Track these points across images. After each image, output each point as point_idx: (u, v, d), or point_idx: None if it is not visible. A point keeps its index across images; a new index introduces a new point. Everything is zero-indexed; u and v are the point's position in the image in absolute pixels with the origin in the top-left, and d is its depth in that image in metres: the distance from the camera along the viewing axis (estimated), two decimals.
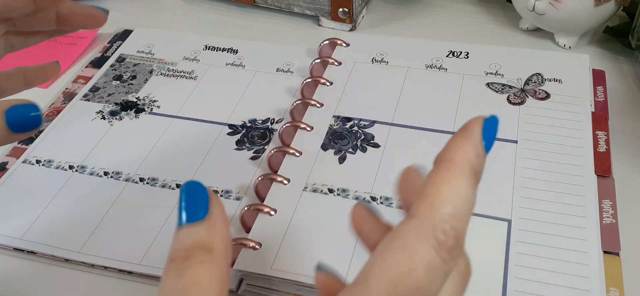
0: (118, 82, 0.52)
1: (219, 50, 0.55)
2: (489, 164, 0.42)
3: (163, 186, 0.43)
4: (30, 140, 0.47)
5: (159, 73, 0.53)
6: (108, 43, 0.57)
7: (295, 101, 0.47)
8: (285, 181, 0.41)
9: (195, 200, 0.23)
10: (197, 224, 0.23)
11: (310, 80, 0.49)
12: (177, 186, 0.43)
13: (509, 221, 0.38)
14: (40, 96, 0.52)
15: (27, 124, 0.30)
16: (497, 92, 0.46)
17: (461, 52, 0.50)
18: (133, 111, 0.49)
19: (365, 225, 0.27)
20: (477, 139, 0.23)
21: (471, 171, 0.22)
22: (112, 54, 0.56)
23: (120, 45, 0.56)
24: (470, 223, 0.37)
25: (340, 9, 0.56)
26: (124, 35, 0.58)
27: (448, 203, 0.21)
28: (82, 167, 0.45)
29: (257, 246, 0.37)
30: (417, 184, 0.26)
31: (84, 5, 0.35)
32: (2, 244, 0.40)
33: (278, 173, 0.42)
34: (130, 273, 0.38)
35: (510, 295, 0.34)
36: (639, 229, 0.39)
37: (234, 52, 0.54)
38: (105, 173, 0.44)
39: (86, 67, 0.55)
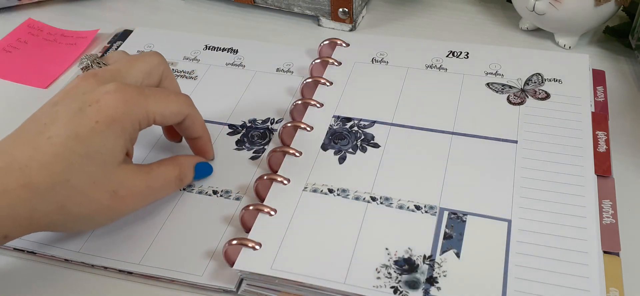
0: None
1: (219, 50, 0.55)
2: (489, 164, 0.43)
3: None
4: None
5: None
6: (108, 43, 0.57)
7: (295, 101, 0.47)
8: (285, 181, 0.41)
9: None
10: None
11: (310, 80, 0.49)
12: None
13: (509, 221, 0.38)
14: (41, 96, 0.52)
15: (205, 174, 0.43)
16: (497, 92, 0.46)
17: (461, 52, 0.50)
18: None
19: None
20: None
21: None
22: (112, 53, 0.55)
23: (120, 45, 0.56)
24: (470, 223, 0.37)
25: (340, 9, 0.56)
26: (124, 35, 0.58)
27: None
28: None
29: (257, 246, 0.37)
30: None
31: (210, 145, 0.44)
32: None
33: (278, 173, 0.42)
34: (130, 273, 0.38)
35: (510, 295, 0.34)
36: (639, 229, 0.39)
37: (234, 52, 0.54)
38: None
39: None
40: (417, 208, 0.39)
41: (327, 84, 0.49)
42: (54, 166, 0.34)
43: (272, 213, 0.39)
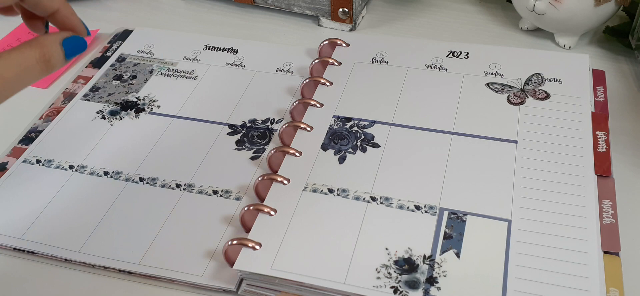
0: (118, 82, 0.52)
1: (219, 50, 0.55)
2: (489, 164, 0.43)
3: (163, 186, 0.43)
4: (30, 140, 0.47)
5: (159, 73, 0.53)
6: (108, 43, 0.57)
7: (295, 101, 0.47)
8: (285, 181, 0.41)
9: None
10: None
11: (310, 80, 0.49)
12: (177, 186, 0.43)
13: (509, 221, 0.38)
14: (41, 96, 0.52)
15: (78, 50, 0.36)
16: (497, 92, 0.46)
17: (461, 52, 0.50)
18: (133, 110, 0.49)
19: None
20: None
21: None
22: (112, 54, 0.56)
23: (120, 45, 0.56)
24: (470, 223, 0.37)
25: (340, 9, 0.56)
26: (124, 35, 0.58)
27: None
28: (82, 167, 0.45)
29: (257, 246, 0.37)
30: None
31: (76, 17, 0.37)
32: (2, 244, 0.40)
33: (278, 173, 0.42)
34: (130, 273, 0.38)
35: (510, 295, 0.34)
36: (639, 229, 0.39)
37: (234, 52, 0.54)
38: (105, 173, 0.44)
39: (86, 67, 0.55)
40: (417, 208, 0.39)
41: (327, 84, 0.49)
42: None
43: (272, 213, 0.39)
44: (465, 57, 0.50)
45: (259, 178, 0.41)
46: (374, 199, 0.40)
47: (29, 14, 0.37)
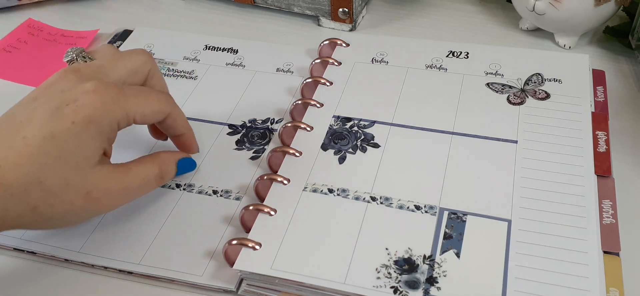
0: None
1: (219, 50, 0.55)
2: (489, 164, 0.43)
3: (163, 186, 0.43)
4: None
5: None
6: (108, 43, 0.57)
7: (295, 101, 0.47)
8: (285, 181, 0.41)
9: None
10: None
11: (310, 80, 0.49)
12: (177, 186, 0.43)
13: (509, 221, 0.38)
14: None
15: (188, 169, 0.43)
16: (497, 92, 0.46)
17: (461, 52, 0.50)
18: None
19: None
20: None
21: None
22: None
23: (120, 45, 0.56)
24: (470, 223, 0.37)
25: (340, 9, 0.56)
26: (124, 35, 0.58)
27: None
28: None
29: (257, 246, 0.37)
30: None
31: (194, 140, 0.43)
32: (2, 244, 0.40)
33: (278, 173, 0.42)
34: (130, 273, 0.38)
35: (510, 295, 0.34)
36: (639, 229, 0.39)
37: (234, 52, 0.54)
38: None
39: None
40: (417, 208, 0.39)
41: (327, 84, 0.49)
42: (28, 167, 0.33)
43: (272, 213, 0.39)
44: (465, 57, 0.50)
45: (259, 178, 0.41)
46: (374, 199, 0.40)
47: (156, 130, 0.44)
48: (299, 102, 0.47)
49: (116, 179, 0.37)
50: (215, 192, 0.42)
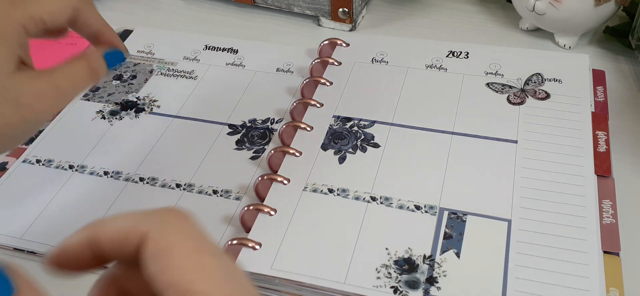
0: (118, 82, 0.52)
1: (219, 50, 0.55)
2: (490, 164, 0.42)
3: (163, 186, 0.43)
4: (31, 140, 0.47)
5: (159, 73, 0.53)
6: None
7: (295, 101, 0.47)
8: (285, 181, 0.41)
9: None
10: None
11: (310, 80, 0.49)
12: (177, 185, 0.43)
13: (509, 221, 0.38)
14: None
15: (117, 61, 0.39)
16: (497, 92, 0.46)
17: (461, 52, 0.50)
18: (133, 110, 0.49)
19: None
20: None
21: None
22: None
23: None
24: (470, 223, 0.37)
25: (340, 9, 0.56)
26: (124, 35, 0.58)
27: None
28: (82, 167, 0.45)
29: (257, 246, 0.37)
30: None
31: (117, 38, 0.40)
32: (2, 244, 0.40)
33: (278, 173, 0.42)
34: None
35: (510, 295, 0.34)
36: (639, 229, 0.39)
37: (234, 52, 0.54)
38: (105, 173, 0.44)
39: None
40: (417, 208, 0.39)
41: (327, 84, 0.49)
42: None
43: (272, 213, 0.39)
44: (465, 57, 0.50)
45: (259, 178, 0.41)
46: (374, 199, 0.40)
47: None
48: (299, 102, 0.47)
49: (43, 80, 0.35)
50: (215, 192, 0.42)
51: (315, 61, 0.50)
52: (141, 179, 0.44)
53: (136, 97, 0.50)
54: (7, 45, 0.34)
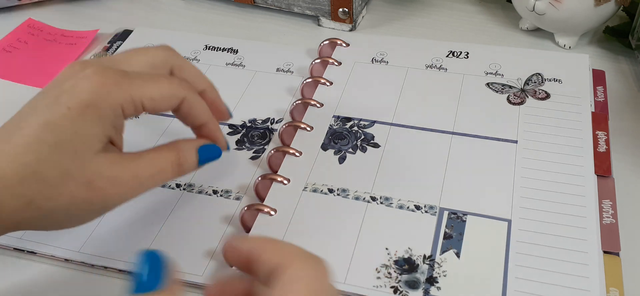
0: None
1: (219, 50, 0.55)
2: (490, 164, 0.42)
3: (163, 186, 0.43)
4: None
5: None
6: (108, 43, 0.57)
7: (295, 101, 0.47)
8: (285, 181, 0.41)
9: (152, 272, 0.26)
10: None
11: (310, 80, 0.49)
12: (177, 185, 0.43)
13: (509, 221, 0.38)
14: None
15: (211, 158, 0.38)
16: (497, 92, 0.46)
17: (461, 52, 0.50)
18: None
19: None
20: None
21: None
22: (113, 54, 0.56)
23: (120, 45, 0.56)
24: (470, 223, 0.37)
25: (340, 9, 0.56)
26: (124, 35, 0.58)
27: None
28: None
29: None
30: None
31: (220, 133, 0.38)
32: (2, 244, 0.40)
33: (278, 173, 0.42)
34: (130, 273, 0.38)
35: (510, 295, 0.34)
36: (639, 229, 0.39)
37: (234, 52, 0.54)
38: None
39: None
40: (417, 208, 0.39)
41: (327, 84, 0.49)
42: (23, 157, 0.31)
43: (272, 213, 0.39)
44: (465, 57, 0.50)
45: (259, 178, 0.41)
46: (374, 199, 0.40)
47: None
48: (299, 102, 0.47)
49: (123, 167, 0.34)
50: (215, 192, 0.42)
51: (315, 61, 0.50)
52: None
53: None
54: (101, 124, 0.33)
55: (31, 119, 0.32)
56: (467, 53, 0.50)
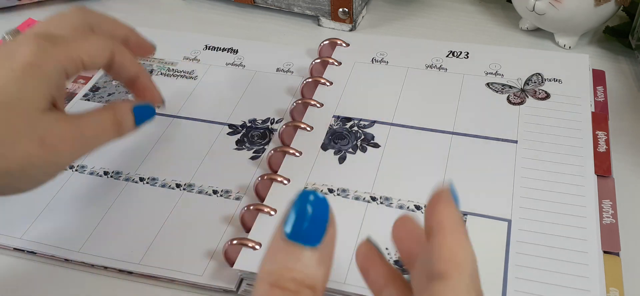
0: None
1: (219, 50, 0.55)
2: (490, 164, 0.42)
3: (163, 186, 0.43)
4: None
5: (159, 73, 0.53)
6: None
7: (295, 101, 0.47)
8: (285, 181, 0.41)
9: (316, 220, 0.22)
10: (310, 252, 0.22)
11: (310, 80, 0.49)
12: (177, 185, 0.43)
13: (509, 221, 0.38)
14: None
15: (146, 117, 0.40)
16: (497, 92, 0.46)
17: (461, 52, 0.50)
18: None
19: (372, 267, 0.27)
20: (455, 204, 0.25)
21: (467, 232, 0.24)
22: None
23: None
24: (470, 223, 0.37)
25: (340, 9, 0.56)
26: None
27: (469, 263, 0.23)
28: (82, 166, 0.45)
29: (257, 246, 0.37)
30: (415, 234, 0.26)
31: (153, 86, 0.41)
32: (2, 244, 0.40)
33: (278, 173, 0.42)
34: (130, 273, 0.38)
35: (510, 295, 0.34)
36: (639, 229, 0.39)
37: (234, 52, 0.54)
38: (105, 173, 0.44)
39: None
40: (417, 208, 0.39)
41: (327, 84, 0.49)
42: None
43: (272, 213, 0.39)
44: (465, 57, 0.50)
45: (259, 178, 0.41)
46: (374, 199, 0.40)
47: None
48: (299, 102, 0.47)
49: (70, 124, 0.35)
50: (215, 192, 0.42)
51: (315, 61, 0.50)
52: (141, 179, 0.44)
53: None
54: (45, 82, 0.34)
55: None
56: (467, 53, 0.50)
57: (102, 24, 0.40)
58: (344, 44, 0.52)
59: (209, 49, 0.55)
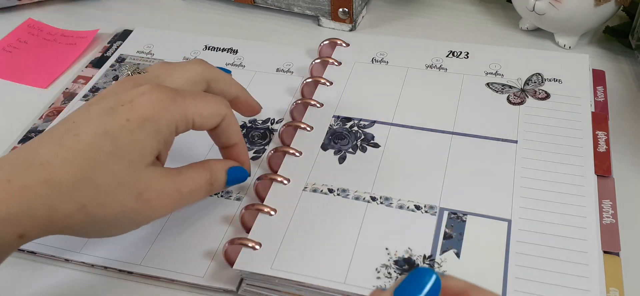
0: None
1: (219, 50, 0.55)
2: (489, 164, 0.43)
3: None
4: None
5: None
6: (108, 43, 0.57)
7: (295, 101, 0.47)
8: (285, 181, 0.41)
9: None
10: None
11: (310, 80, 0.49)
12: None
13: (509, 221, 0.38)
14: (41, 96, 0.52)
15: (239, 180, 0.40)
16: (497, 92, 0.46)
17: (461, 52, 0.50)
18: None
19: None
20: None
21: None
22: (112, 54, 0.56)
23: (120, 45, 0.56)
24: (470, 223, 0.37)
25: (340, 9, 0.56)
26: (124, 35, 0.58)
27: None
28: None
29: (257, 246, 0.37)
30: None
31: (246, 154, 0.41)
32: None
33: (278, 173, 0.42)
34: (130, 273, 0.38)
35: (510, 295, 0.34)
36: (639, 229, 0.39)
37: (234, 52, 0.54)
38: None
39: (86, 67, 0.55)
40: (417, 207, 0.39)
41: (327, 84, 0.49)
42: (78, 163, 0.32)
43: (272, 213, 0.39)
44: (465, 57, 0.50)
45: (259, 178, 0.41)
46: (374, 199, 0.40)
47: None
48: (299, 102, 0.47)
49: (169, 181, 0.35)
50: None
51: (315, 61, 0.50)
52: None
53: None
54: (156, 139, 0.34)
55: (87, 127, 0.33)
56: (467, 53, 0.50)
57: (219, 81, 0.40)
58: (344, 44, 0.52)
59: (208, 49, 0.55)
